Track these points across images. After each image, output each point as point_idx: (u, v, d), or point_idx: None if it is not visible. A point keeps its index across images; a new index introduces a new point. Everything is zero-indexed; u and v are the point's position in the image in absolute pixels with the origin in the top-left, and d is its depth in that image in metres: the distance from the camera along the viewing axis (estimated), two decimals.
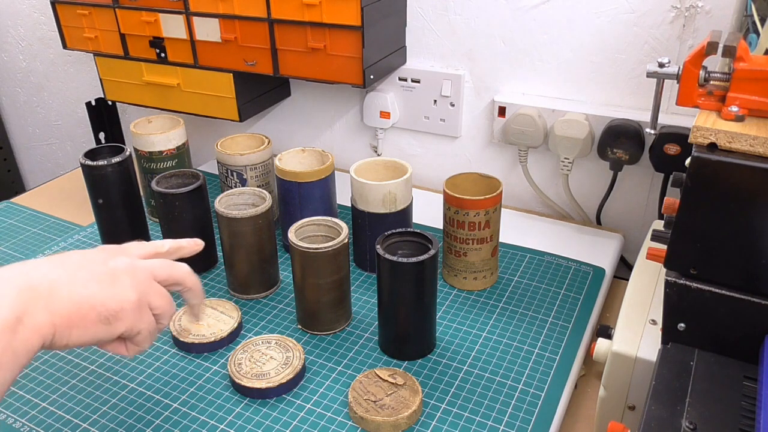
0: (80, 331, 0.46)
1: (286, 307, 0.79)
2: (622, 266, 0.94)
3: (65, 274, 0.47)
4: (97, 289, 0.48)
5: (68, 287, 0.46)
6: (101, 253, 0.52)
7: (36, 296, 0.45)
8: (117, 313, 0.48)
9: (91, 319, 0.47)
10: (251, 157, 0.88)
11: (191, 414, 0.65)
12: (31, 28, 1.41)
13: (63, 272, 0.47)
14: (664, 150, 0.82)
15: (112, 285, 0.49)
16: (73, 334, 0.46)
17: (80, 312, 0.46)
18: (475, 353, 0.71)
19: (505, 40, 0.93)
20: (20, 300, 0.44)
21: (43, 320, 0.44)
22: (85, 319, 0.46)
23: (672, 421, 0.44)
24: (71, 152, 1.56)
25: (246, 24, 0.92)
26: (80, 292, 0.47)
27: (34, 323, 0.44)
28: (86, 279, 0.48)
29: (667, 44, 0.83)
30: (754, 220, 0.45)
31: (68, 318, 0.46)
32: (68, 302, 0.46)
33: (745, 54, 0.47)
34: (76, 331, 0.46)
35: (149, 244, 0.57)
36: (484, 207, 0.76)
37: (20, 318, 0.43)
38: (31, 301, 0.44)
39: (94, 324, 0.47)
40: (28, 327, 0.43)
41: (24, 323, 0.43)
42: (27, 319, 0.43)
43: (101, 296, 0.48)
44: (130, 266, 0.51)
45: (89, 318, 0.47)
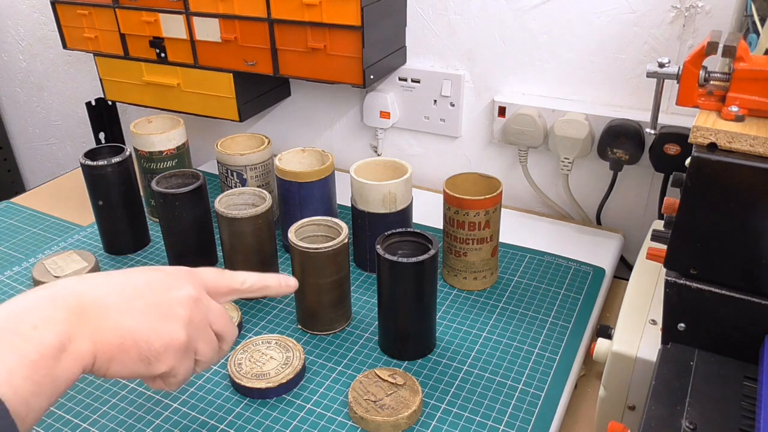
0: (119, 366, 0.44)
1: (286, 307, 0.79)
2: (622, 266, 0.94)
3: (119, 300, 0.44)
4: (145, 324, 0.45)
5: (117, 317, 0.44)
6: (166, 277, 0.48)
7: (83, 321, 0.42)
8: (160, 354, 0.45)
9: (131, 356, 0.44)
10: (251, 157, 0.88)
11: (191, 414, 0.65)
12: (31, 28, 1.41)
13: (117, 299, 0.44)
14: (664, 150, 0.82)
15: (165, 320, 0.46)
16: (111, 368, 0.44)
17: (122, 347, 0.43)
18: (475, 353, 0.71)
19: (505, 40, 0.93)
20: (68, 324, 0.41)
21: (85, 349, 0.42)
22: (125, 354, 0.44)
23: (672, 421, 0.44)
24: (71, 152, 1.56)
25: (246, 24, 0.92)
26: (127, 325, 0.44)
27: (76, 351, 0.41)
28: (138, 310, 0.45)
29: (667, 44, 0.83)
30: (754, 220, 0.45)
31: (109, 351, 0.43)
32: (112, 334, 0.43)
33: (745, 54, 0.47)
34: (114, 365, 0.44)
35: (227, 275, 0.53)
36: (484, 207, 0.76)
37: (65, 345, 0.40)
38: (78, 327, 0.41)
39: (133, 361, 0.44)
40: (71, 354, 0.41)
41: (68, 350, 0.40)
42: (71, 346, 0.41)
43: (148, 332, 0.44)
44: (192, 301, 0.48)
45: (130, 354, 0.44)
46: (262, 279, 0.55)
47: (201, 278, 0.51)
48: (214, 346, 0.50)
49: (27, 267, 0.88)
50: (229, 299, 0.54)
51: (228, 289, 0.53)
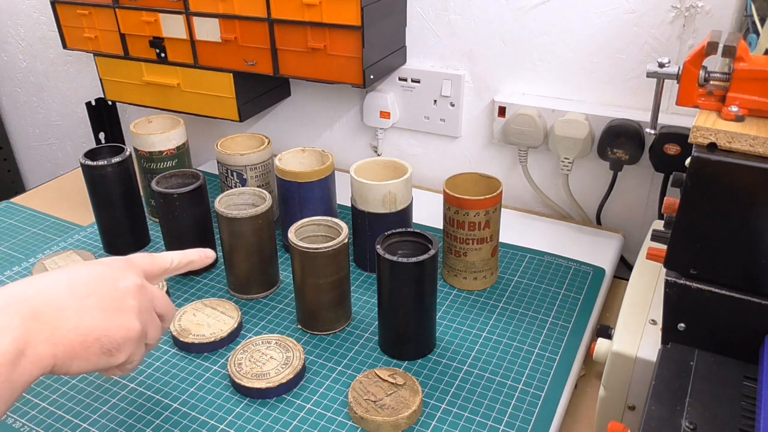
0: (81, 362, 0.45)
1: (286, 307, 0.79)
2: (622, 266, 0.94)
3: (72, 301, 0.46)
4: (103, 319, 0.46)
5: (75, 317, 0.45)
6: (108, 269, 0.50)
7: (40, 327, 0.43)
8: (120, 345, 0.47)
9: (94, 351, 0.46)
10: (251, 157, 0.88)
11: (191, 414, 0.65)
12: (31, 28, 1.41)
13: (70, 299, 0.46)
14: (664, 150, 0.82)
15: (119, 313, 0.48)
16: (73, 365, 0.45)
17: (84, 344, 0.45)
18: (475, 353, 0.71)
19: (505, 40, 0.93)
20: (24, 330, 0.42)
21: (45, 352, 0.43)
22: (89, 350, 0.45)
23: (672, 421, 0.44)
24: (71, 152, 1.56)
25: (246, 24, 0.92)
26: (86, 324, 0.45)
27: (35, 355, 0.42)
28: (93, 307, 0.46)
29: (667, 44, 0.83)
30: (754, 220, 0.45)
31: (71, 350, 0.44)
32: (74, 334, 0.44)
33: (745, 54, 0.47)
34: (77, 362, 0.45)
35: (157, 258, 0.56)
36: (484, 207, 0.76)
37: (22, 350, 0.41)
38: (34, 332, 0.42)
39: (96, 355, 0.46)
40: (29, 359, 0.42)
41: (26, 355, 0.41)
42: (29, 351, 0.42)
43: (107, 327, 0.46)
44: (138, 290, 0.50)
45: (92, 350, 0.46)
46: (186, 255, 0.58)
47: (138, 265, 0.53)
48: (160, 328, 0.53)
49: (27, 267, 0.88)
50: (162, 279, 0.57)
51: (161, 271, 0.56)
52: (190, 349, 0.72)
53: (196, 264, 0.59)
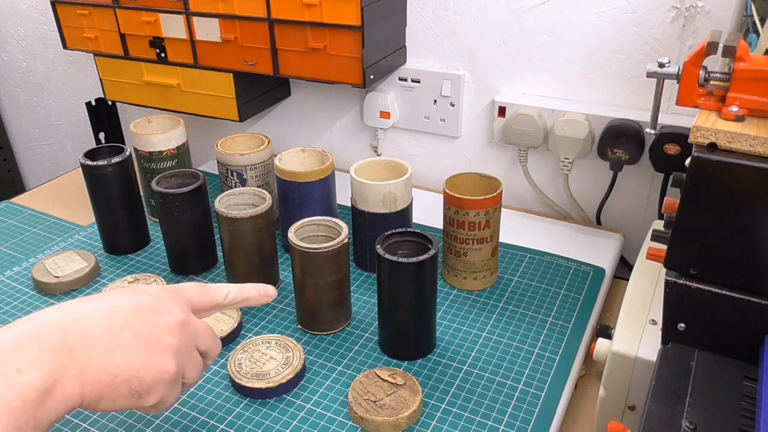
0: (108, 402, 0.43)
1: (286, 307, 0.79)
2: (622, 266, 0.94)
3: (107, 336, 0.43)
4: (137, 359, 0.44)
5: (106, 354, 0.42)
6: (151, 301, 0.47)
7: (70, 363, 0.41)
8: (151, 389, 0.44)
9: (121, 393, 0.43)
10: (251, 157, 0.88)
11: (191, 414, 0.65)
12: (31, 28, 1.41)
13: (105, 333, 0.43)
14: (664, 150, 0.82)
15: (154, 352, 0.45)
16: (99, 405, 0.43)
17: (112, 385, 0.42)
18: (475, 353, 0.71)
19: (505, 40, 0.93)
20: (54, 366, 0.40)
21: (72, 390, 0.40)
22: (116, 392, 0.43)
23: (672, 421, 0.44)
24: (71, 152, 1.56)
25: (246, 24, 0.92)
26: (117, 363, 0.43)
27: (63, 394, 0.40)
28: (127, 344, 0.43)
29: (667, 44, 0.83)
30: (754, 220, 0.45)
31: (99, 390, 0.42)
32: (102, 373, 0.42)
33: (745, 54, 0.47)
34: (103, 402, 0.43)
35: (210, 290, 0.52)
36: (484, 207, 0.76)
37: (50, 388, 0.39)
38: (64, 368, 0.40)
39: (123, 397, 0.43)
40: (56, 397, 0.39)
41: (53, 393, 0.39)
42: (57, 389, 0.40)
43: (138, 368, 0.44)
44: (179, 327, 0.47)
45: (120, 392, 0.43)
46: (243, 291, 0.55)
47: (185, 297, 0.50)
48: (200, 368, 0.50)
49: (27, 267, 0.88)
50: (213, 313, 0.54)
51: (212, 305, 0.52)
52: None
53: (253, 302, 0.55)
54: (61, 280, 0.82)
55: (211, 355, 0.51)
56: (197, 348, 0.49)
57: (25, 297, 0.82)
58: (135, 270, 0.87)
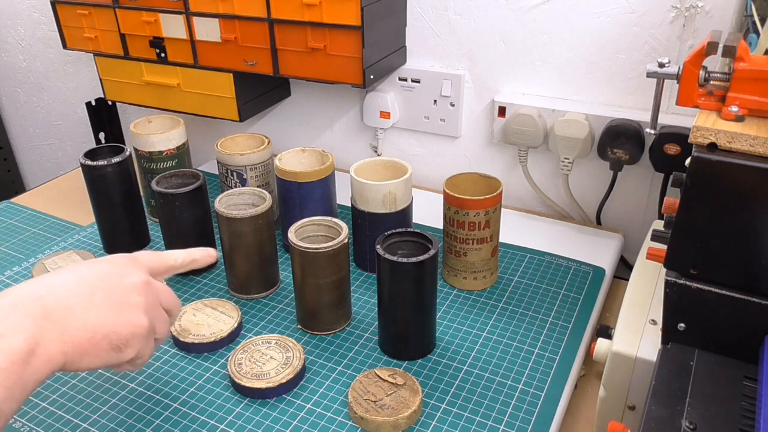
0: (91, 358, 0.46)
1: (286, 307, 0.79)
2: (622, 266, 0.94)
3: (80, 299, 0.46)
4: (111, 316, 0.47)
5: (83, 315, 0.46)
6: (114, 267, 0.51)
7: (50, 325, 0.44)
8: (128, 341, 0.48)
9: (103, 348, 0.46)
10: (251, 157, 0.88)
11: (191, 414, 0.65)
12: (31, 28, 1.41)
13: (78, 298, 0.46)
14: (664, 150, 0.82)
15: (126, 309, 0.48)
16: (83, 362, 0.46)
17: (93, 340, 0.46)
18: (475, 353, 0.71)
19: (505, 40, 0.93)
20: (35, 329, 0.43)
21: (55, 350, 0.43)
22: (97, 347, 0.46)
23: (672, 421, 0.44)
24: (71, 152, 1.56)
25: (246, 24, 0.92)
26: (94, 321, 0.46)
27: (46, 353, 0.43)
28: (100, 304, 0.47)
29: (667, 44, 0.83)
30: (754, 220, 0.45)
31: (80, 347, 0.45)
32: (82, 331, 0.45)
33: (745, 54, 0.47)
34: (87, 358, 0.46)
35: (162, 256, 0.56)
36: (484, 207, 0.76)
37: (33, 350, 0.42)
38: (45, 330, 0.43)
39: (105, 352, 0.47)
40: (40, 358, 0.42)
41: (37, 354, 0.42)
42: (40, 350, 0.42)
43: (114, 323, 0.47)
44: (144, 286, 0.51)
45: (101, 346, 0.46)
46: (190, 253, 0.59)
47: (143, 262, 0.54)
48: (168, 323, 0.54)
49: (27, 267, 0.88)
50: (167, 276, 0.57)
51: (165, 268, 0.56)
52: (190, 349, 0.72)
53: (200, 262, 0.60)
54: None
55: (174, 312, 0.55)
56: (162, 306, 0.53)
57: None
58: None
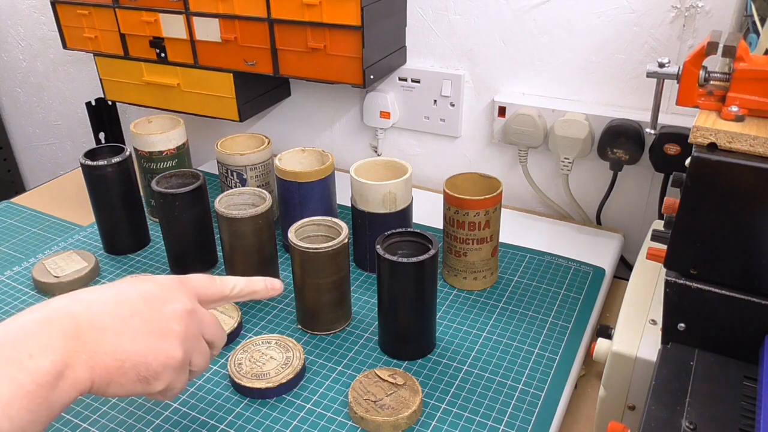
0: (117, 387, 0.44)
1: (286, 307, 0.79)
2: (622, 266, 0.94)
3: (116, 321, 0.44)
4: (143, 345, 0.45)
5: (115, 339, 0.44)
6: (159, 289, 0.48)
7: (80, 348, 0.42)
8: (158, 374, 0.45)
9: (130, 378, 0.44)
10: (251, 157, 0.88)
11: (191, 414, 0.65)
12: (31, 28, 1.41)
13: (114, 319, 0.44)
14: (664, 150, 0.82)
15: (162, 338, 0.46)
16: (109, 390, 0.44)
17: (121, 369, 0.44)
18: (475, 353, 0.71)
19: (505, 40, 0.93)
20: (64, 351, 0.41)
21: (83, 375, 0.42)
22: (125, 377, 0.44)
23: (672, 421, 0.44)
24: (71, 152, 1.56)
25: (246, 24, 0.92)
26: (125, 348, 0.44)
27: (74, 377, 0.41)
28: (136, 329, 0.45)
29: (667, 44, 0.83)
30: (754, 220, 0.45)
31: (108, 374, 0.43)
32: (111, 358, 0.43)
33: (745, 54, 0.47)
34: (112, 387, 0.44)
35: (218, 282, 0.53)
36: (484, 207, 0.76)
37: (62, 372, 0.40)
38: (74, 353, 0.41)
39: (132, 382, 0.44)
40: (68, 381, 0.41)
41: (65, 377, 0.41)
42: (68, 373, 0.41)
43: (145, 353, 0.45)
44: (187, 315, 0.48)
45: (128, 376, 0.44)
46: (250, 284, 0.56)
47: (193, 287, 0.51)
48: (207, 356, 0.51)
49: (27, 267, 0.88)
50: (219, 305, 0.55)
51: (219, 297, 0.53)
52: None
53: (260, 295, 0.56)
54: (61, 280, 0.82)
55: (218, 345, 0.52)
56: (204, 337, 0.50)
57: (25, 297, 0.82)
58: (135, 270, 0.87)
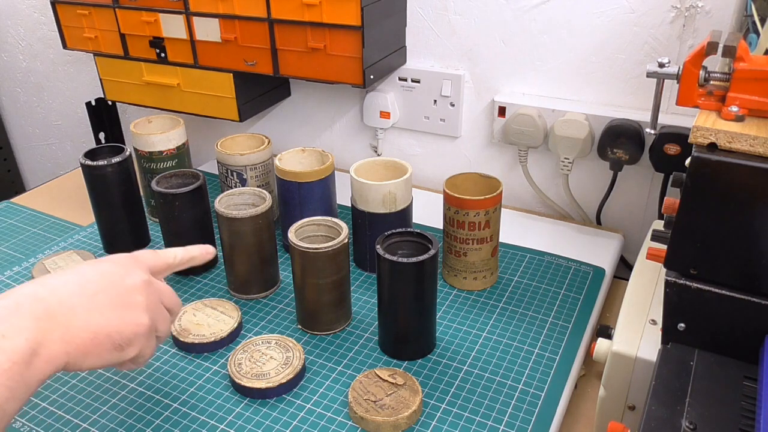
0: (93, 358, 0.47)
1: (286, 307, 0.79)
2: (622, 266, 0.94)
3: (83, 299, 0.47)
4: (113, 316, 0.48)
5: (85, 315, 0.46)
6: (115, 267, 0.51)
7: (53, 326, 0.44)
8: (131, 340, 0.49)
9: (105, 347, 0.47)
10: (251, 157, 0.88)
11: (191, 414, 0.65)
12: (31, 28, 1.41)
13: (81, 298, 0.47)
14: (664, 150, 0.82)
15: (128, 308, 0.49)
16: (86, 362, 0.46)
17: (96, 340, 0.46)
18: (475, 353, 0.71)
19: (505, 40, 0.93)
20: (37, 331, 0.43)
21: (58, 350, 0.44)
22: (100, 347, 0.47)
23: (672, 421, 0.44)
24: (71, 152, 1.56)
25: (246, 24, 0.92)
26: (97, 321, 0.47)
27: (48, 354, 0.43)
28: (103, 304, 0.48)
29: (667, 44, 0.83)
30: (754, 220, 0.45)
31: (83, 347, 0.45)
32: (85, 332, 0.46)
33: (745, 54, 0.47)
34: (89, 358, 0.46)
35: (161, 255, 0.57)
36: (484, 207, 0.76)
37: (36, 350, 0.42)
38: (47, 331, 0.43)
39: (108, 351, 0.47)
40: (43, 358, 0.43)
41: (39, 354, 0.42)
42: (42, 350, 0.43)
43: (117, 323, 0.48)
44: (145, 286, 0.51)
45: (104, 346, 0.47)
46: (188, 251, 0.60)
47: (143, 261, 0.54)
48: (169, 322, 0.55)
49: (27, 267, 0.88)
50: (166, 274, 0.58)
51: (165, 266, 0.57)
52: (190, 349, 0.72)
53: (198, 260, 0.61)
54: None
55: (176, 311, 0.56)
56: (163, 304, 0.54)
57: None
58: None
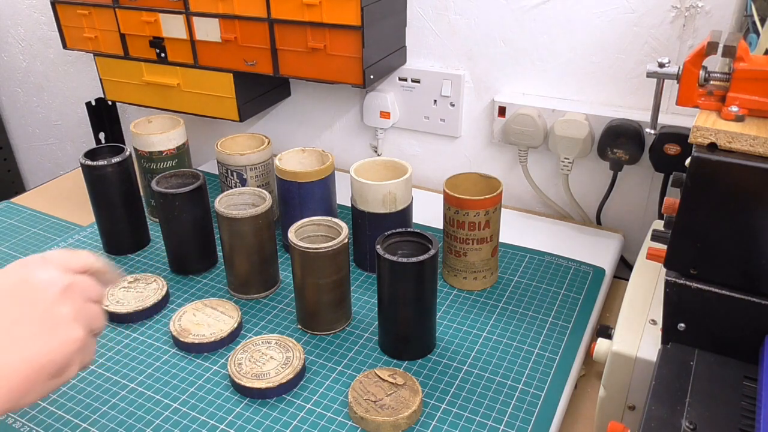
0: (34, 395, 0.42)
1: (286, 307, 0.79)
2: (622, 266, 0.94)
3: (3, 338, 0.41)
4: (40, 345, 0.42)
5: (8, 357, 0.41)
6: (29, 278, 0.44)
7: None
8: (67, 363, 0.44)
9: (41, 381, 0.42)
10: (251, 157, 0.88)
11: (191, 414, 0.65)
12: (31, 28, 1.41)
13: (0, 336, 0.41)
14: (664, 150, 0.82)
15: (55, 329, 0.43)
16: (26, 400, 0.42)
17: (30, 380, 0.42)
18: (475, 353, 0.71)
19: (505, 40, 0.93)
20: None
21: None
22: (36, 383, 0.42)
23: (672, 421, 0.44)
24: (71, 152, 1.56)
25: (246, 24, 0.92)
26: (23, 357, 0.41)
27: None
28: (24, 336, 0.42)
29: (667, 44, 0.83)
30: (754, 220, 0.45)
31: (17, 391, 0.41)
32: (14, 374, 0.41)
33: (745, 54, 0.47)
34: (29, 396, 0.42)
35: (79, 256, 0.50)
36: (484, 207, 0.76)
37: None
38: None
39: (46, 383, 0.43)
40: None
41: None
42: None
43: (47, 351, 0.42)
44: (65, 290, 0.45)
45: (40, 380, 0.42)
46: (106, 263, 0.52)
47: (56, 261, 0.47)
48: (101, 315, 0.48)
49: None
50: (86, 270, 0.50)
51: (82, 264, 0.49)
52: (190, 349, 0.72)
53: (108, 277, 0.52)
54: None
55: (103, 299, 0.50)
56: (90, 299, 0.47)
57: None
58: (135, 270, 0.87)
